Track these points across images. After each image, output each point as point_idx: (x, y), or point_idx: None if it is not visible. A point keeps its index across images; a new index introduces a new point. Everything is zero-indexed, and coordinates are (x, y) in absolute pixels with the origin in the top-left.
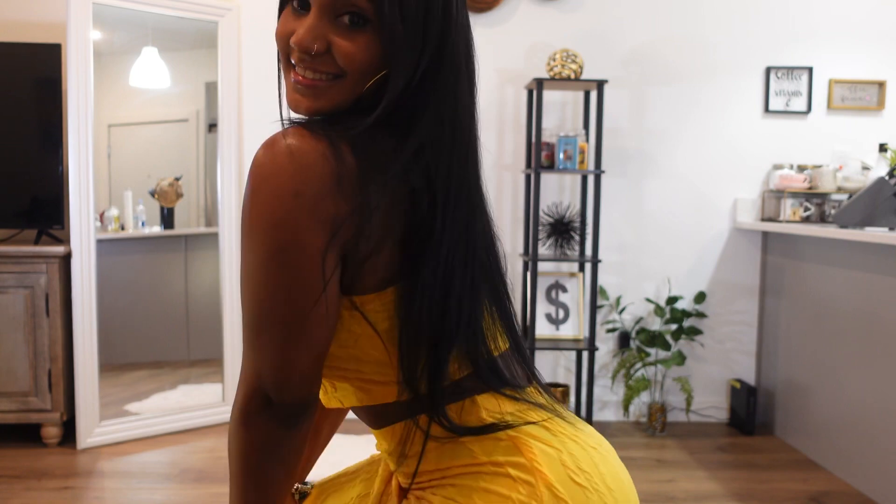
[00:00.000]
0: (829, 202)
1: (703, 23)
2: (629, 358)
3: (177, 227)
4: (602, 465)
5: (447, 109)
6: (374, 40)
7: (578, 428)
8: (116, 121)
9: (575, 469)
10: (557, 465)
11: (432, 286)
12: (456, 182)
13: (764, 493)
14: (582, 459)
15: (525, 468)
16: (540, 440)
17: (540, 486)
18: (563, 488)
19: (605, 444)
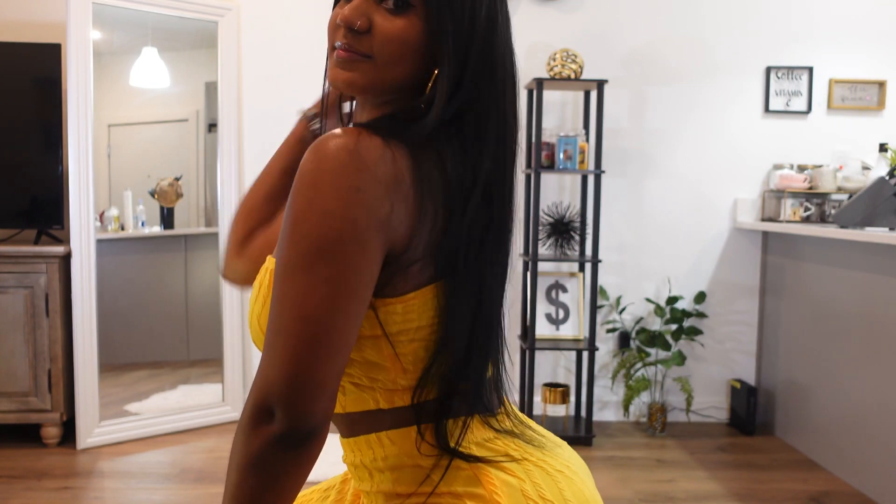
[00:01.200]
0: (830, 202)
1: (703, 23)
2: (629, 358)
3: (177, 227)
4: (567, 490)
5: (499, 110)
6: (416, 26)
7: (546, 450)
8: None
9: (536, 498)
10: (518, 496)
11: (470, 292)
12: (508, 188)
13: (764, 493)
14: (546, 487)
15: (484, 500)
16: (502, 469)
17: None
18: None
19: (573, 464)
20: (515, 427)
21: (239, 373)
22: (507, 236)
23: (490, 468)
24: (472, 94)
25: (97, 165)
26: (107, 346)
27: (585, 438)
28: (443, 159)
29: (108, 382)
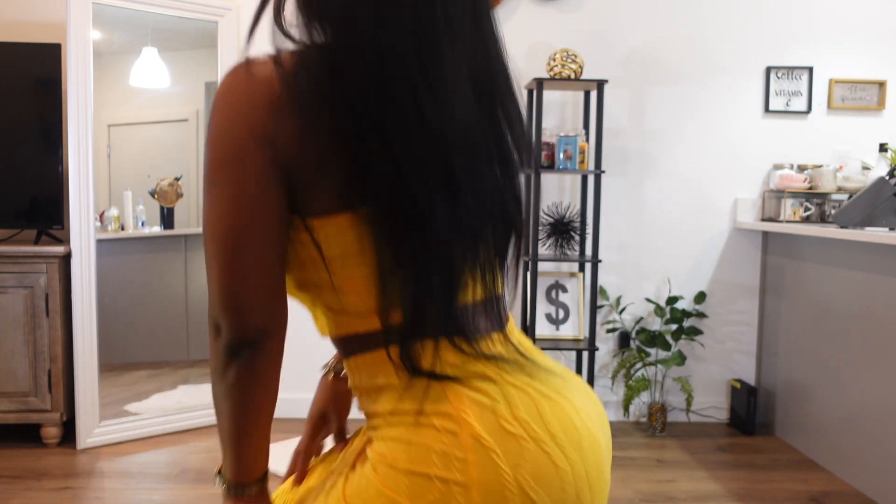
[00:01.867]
0: (830, 202)
1: (703, 23)
2: (629, 358)
3: (177, 227)
4: (550, 412)
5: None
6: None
7: (536, 377)
8: (116, 121)
9: (509, 417)
10: (488, 414)
11: (394, 217)
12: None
13: (764, 493)
14: (522, 407)
15: (451, 417)
16: (475, 389)
17: (465, 435)
18: (491, 437)
19: (568, 392)
20: (507, 353)
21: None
22: (453, 157)
23: (462, 387)
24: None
25: (97, 165)
26: (107, 346)
27: None
28: (329, 77)
29: (108, 382)
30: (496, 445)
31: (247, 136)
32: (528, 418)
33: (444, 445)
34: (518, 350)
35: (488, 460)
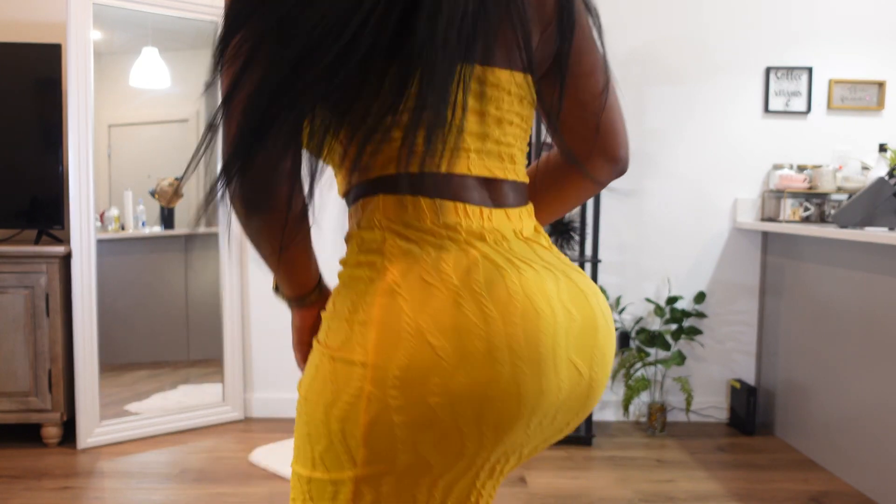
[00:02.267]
0: (829, 202)
1: (703, 23)
2: (629, 358)
3: (177, 227)
4: (485, 274)
5: None
6: None
7: (511, 253)
8: (116, 121)
9: (430, 268)
10: (412, 264)
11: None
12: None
13: (764, 493)
14: (452, 262)
15: (376, 267)
16: (414, 242)
17: (381, 281)
18: (404, 284)
19: (538, 271)
20: (488, 226)
21: (239, 373)
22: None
23: (398, 239)
24: None
25: (97, 165)
26: (107, 346)
27: (585, 438)
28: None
29: (108, 382)
30: (405, 290)
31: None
32: (453, 273)
33: (362, 292)
34: (513, 231)
35: (392, 303)
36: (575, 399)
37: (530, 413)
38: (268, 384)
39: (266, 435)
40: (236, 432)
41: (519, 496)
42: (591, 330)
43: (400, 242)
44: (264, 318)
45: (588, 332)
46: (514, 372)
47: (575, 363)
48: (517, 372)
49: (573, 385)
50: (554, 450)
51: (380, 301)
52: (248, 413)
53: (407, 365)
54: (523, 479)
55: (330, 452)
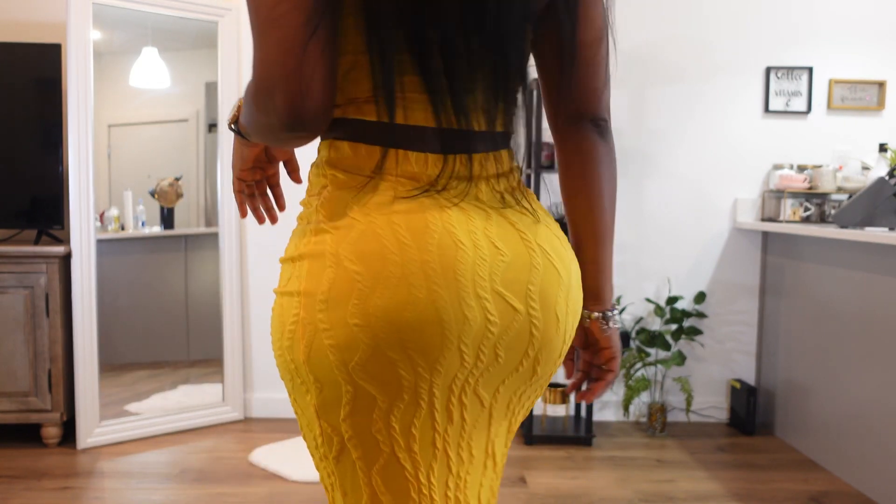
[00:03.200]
0: (829, 202)
1: (703, 23)
2: (629, 358)
3: (177, 227)
4: (409, 209)
5: None
6: None
7: (448, 192)
8: (116, 121)
9: (356, 206)
10: (342, 205)
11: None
12: None
13: (764, 493)
14: (376, 200)
15: (314, 208)
16: (349, 187)
17: (316, 222)
18: (332, 221)
19: (475, 208)
20: (453, 172)
21: (239, 373)
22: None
23: (338, 173)
24: None
25: (97, 165)
26: (107, 346)
27: (585, 438)
28: None
29: (108, 382)
30: (331, 227)
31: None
32: (375, 209)
33: (300, 233)
34: (483, 174)
35: (321, 238)
36: (515, 336)
37: (457, 340)
38: (268, 384)
39: (266, 435)
40: (236, 432)
41: (519, 496)
42: (524, 267)
43: (337, 188)
44: (264, 318)
45: (519, 269)
46: (432, 297)
47: (504, 296)
48: (434, 297)
49: (507, 319)
50: (554, 450)
51: (313, 239)
52: (248, 413)
53: (329, 289)
54: (523, 479)
55: (296, 388)
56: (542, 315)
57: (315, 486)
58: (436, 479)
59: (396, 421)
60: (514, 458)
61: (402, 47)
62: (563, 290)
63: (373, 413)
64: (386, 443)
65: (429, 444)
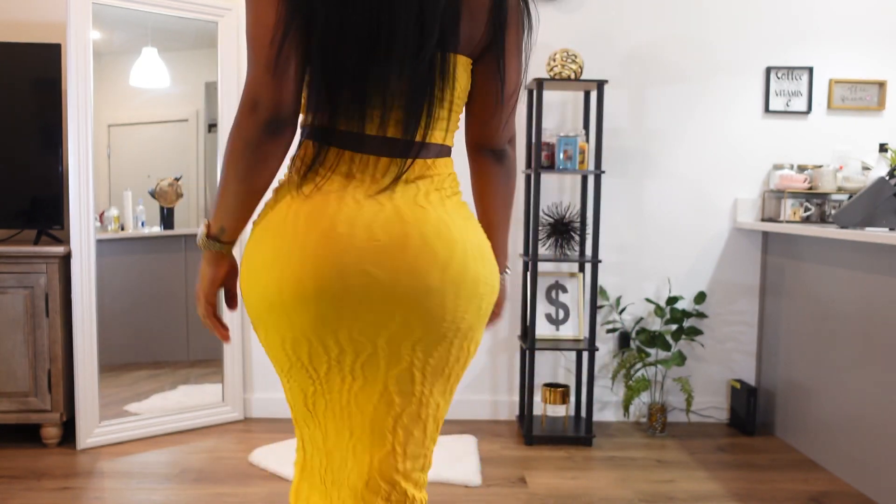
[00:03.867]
0: (830, 202)
1: (703, 23)
2: (629, 358)
3: (177, 227)
4: (317, 201)
5: None
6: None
7: (363, 188)
8: (116, 121)
9: (285, 200)
10: (281, 200)
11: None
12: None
13: (764, 493)
14: (299, 194)
15: (281, 183)
16: (291, 183)
17: (280, 193)
18: (272, 209)
19: (373, 203)
20: (366, 171)
21: (239, 373)
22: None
23: (293, 173)
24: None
25: (97, 165)
26: (107, 346)
27: (585, 439)
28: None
29: (107, 382)
30: (269, 214)
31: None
32: (292, 201)
33: (275, 200)
34: (392, 175)
35: (261, 218)
36: (379, 299)
37: (339, 297)
38: (267, 384)
39: (266, 435)
40: (236, 432)
41: (519, 496)
42: (399, 248)
43: (290, 174)
44: None
45: (392, 251)
46: (315, 266)
47: (369, 271)
48: (317, 266)
49: (372, 288)
50: (554, 450)
51: (272, 203)
52: (247, 413)
53: (249, 259)
54: (523, 479)
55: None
56: (410, 282)
57: None
58: (326, 379)
59: (292, 351)
60: (515, 458)
61: (343, 77)
62: (437, 265)
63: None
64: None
65: (323, 363)
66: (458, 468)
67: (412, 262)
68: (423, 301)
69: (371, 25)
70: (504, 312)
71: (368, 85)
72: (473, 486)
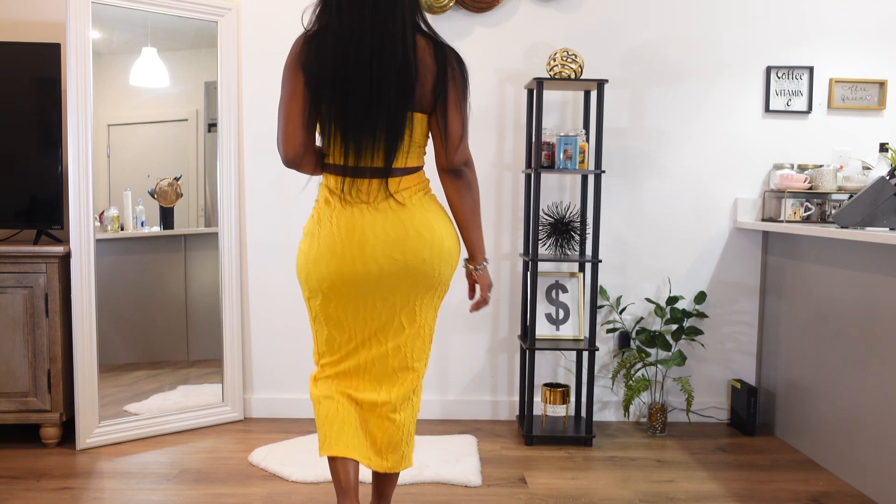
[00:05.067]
0: (830, 202)
1: (704, 22)
2: (629, 358)
3: (176, 227)
4: (329, 210)
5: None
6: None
7: (354, 204)
8: (116, 121)
9: (317, 207)
10: (317, 207)
11: (339, 112)
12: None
13: (765, 493)
14: (323, 206)
15: (318, 203)
16: (323, 196)
17: (315, 211)
18: (319, 213)
19: (349, 211)
20: (355, 191)
21: (239, 373)
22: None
23: (330, 194)
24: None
25: (97, 165)
26: (106, 346)
27: (586, 439)
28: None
29: (107, 382)
30: (313, 213)
31: (293, 61)
32: (320, 209)
33: (315, 212)
34: (374, 195)
35: (313, 220)
36: (397, 272)
37: (352, 280)
38: (267, 385)
39: (265, 435)
40: (236, 433)
41: (519, 496)
42: (401, 239)
43: (322, 196)
44: (264, 318)
45: (398, 240)
46: (335, 259)
47: (391, 256)
48: (335, 258)
49: (392, 265)
50: (554, 450)
51: (314, 220)
52: (247, 413)
53: (299, 249)
54: (523, 479)
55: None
56: (412, 259)
57: (314, 486)
58: (339, 335)
59: (317, 307)
60: (515, 459)
61: (335, 130)
62: (426, 245)
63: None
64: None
65: (331, 317)
66: (458, 468)
67: (412, 246)
68: (419, 267)
69: (366, 102)
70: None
71: (371, 138)
72: (473, 486)
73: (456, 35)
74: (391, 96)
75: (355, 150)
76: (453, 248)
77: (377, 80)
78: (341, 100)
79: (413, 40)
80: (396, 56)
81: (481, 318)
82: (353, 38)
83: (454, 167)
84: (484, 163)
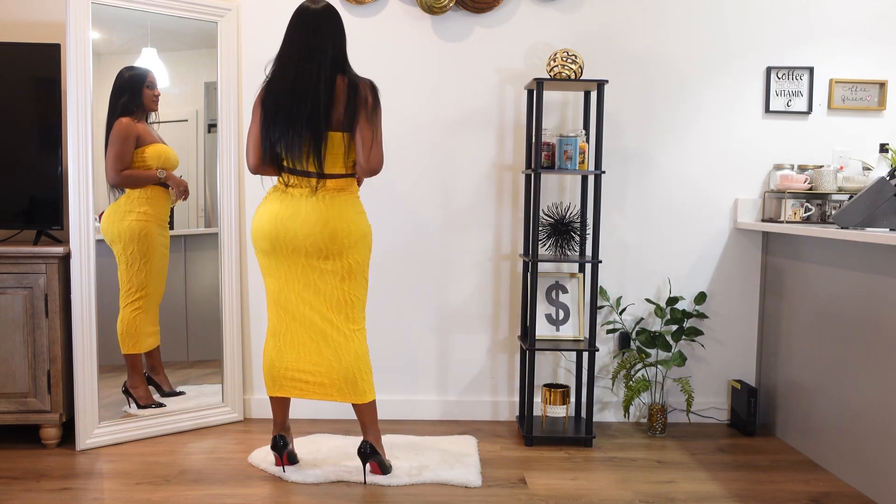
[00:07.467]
0: (830, 203)
1: (704, 23)
2: (629, 359)
3: (176, 227)
4: (271, 201)
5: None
6: None
7: (289, 193)
8: None
9: (274, 195)
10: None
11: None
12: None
13: (765, 494)
14: (271, 196)
15: (269, 196)
16: (278, 187)
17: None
18: (265, 204)
19: (286, 201)
20: (293, 185)
21: (238, 373)
22: (287, 106)
23: (281, 186)
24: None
25: (97, 165)
26: (106, 346)
27: (586, 439)
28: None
29: (107, 383)
30: (263, 208)
31: (257, 100)
32: (267, 199)
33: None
34: (303, 188)
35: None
36: (302, 241)
37: (279, 244)
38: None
39: (265, 436)
40: (235, 433)
41: (519, 497)
42: (309, 219)
43: (279, 185)
44: (263, 318)
45: (304, 219)
46: (270, 229)
47: (297, 231)
48: (268, 229)
49: (300, 236)
50: (554, 450)
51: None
52: (247, 414)
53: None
54: (523, 479)
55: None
56: (314, 232)
57: (314, 486)
58: (274, 285)
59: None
60: (515, 459)
61: (281, 146)
62: (320, 223)
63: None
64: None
65: (272, 274)
66: (458, 469)
67: (312, 223)
68: (323, 240)
69: (297, 127)
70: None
71: (298, 149)
72: (473, 486)
73: (456, 35)
74: (312, 122)
75: (291, 159)
76: (346, 233)
77: (301, 112)
78: (283, 126)
79: (331, 83)
80: (314, 96)
81: (481, 319)
82: (287, 85)
83: (370, 168)
84: (484, 163)
